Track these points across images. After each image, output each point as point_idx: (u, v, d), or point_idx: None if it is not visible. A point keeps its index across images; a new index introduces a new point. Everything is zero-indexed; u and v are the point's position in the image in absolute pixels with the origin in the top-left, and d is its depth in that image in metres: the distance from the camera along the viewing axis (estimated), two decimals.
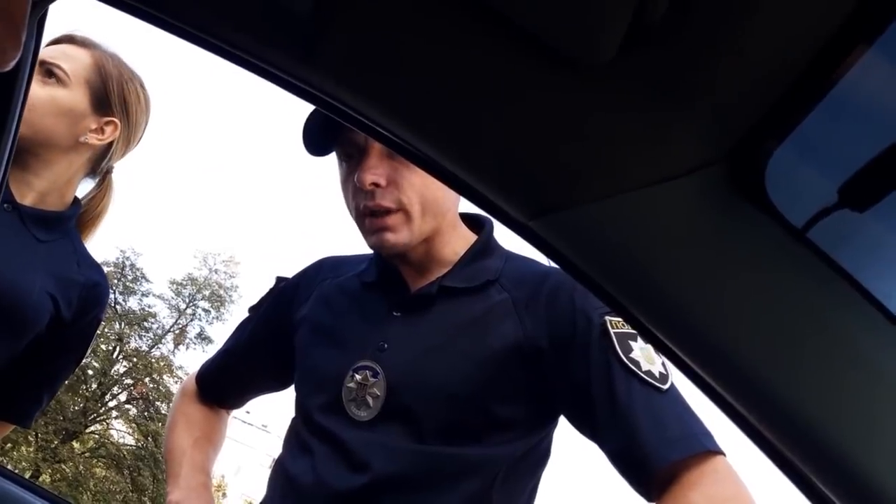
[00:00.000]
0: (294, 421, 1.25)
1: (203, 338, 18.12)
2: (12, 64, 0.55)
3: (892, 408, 0.56)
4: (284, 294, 1.38)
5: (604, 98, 0.53)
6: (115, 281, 16.93)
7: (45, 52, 1.41)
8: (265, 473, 1.35)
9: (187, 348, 18.00)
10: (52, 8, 0.78)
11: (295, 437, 1.22)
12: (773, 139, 0.53)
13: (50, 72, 1.39)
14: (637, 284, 0.58)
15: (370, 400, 1.13)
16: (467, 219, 1.30)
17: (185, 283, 18.57)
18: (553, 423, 1.18)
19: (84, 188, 1.54)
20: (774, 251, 0.56)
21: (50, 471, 15.44)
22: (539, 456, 1.18)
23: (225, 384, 1.46)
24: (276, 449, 1.32)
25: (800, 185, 0.57)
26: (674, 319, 0.59)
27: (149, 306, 17.95)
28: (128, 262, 17.55)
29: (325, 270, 1.37)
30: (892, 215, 0.54)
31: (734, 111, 0.52)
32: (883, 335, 0.57)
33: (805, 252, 0.55)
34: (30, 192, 1.41)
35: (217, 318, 18.42)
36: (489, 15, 0.52)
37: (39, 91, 1.37)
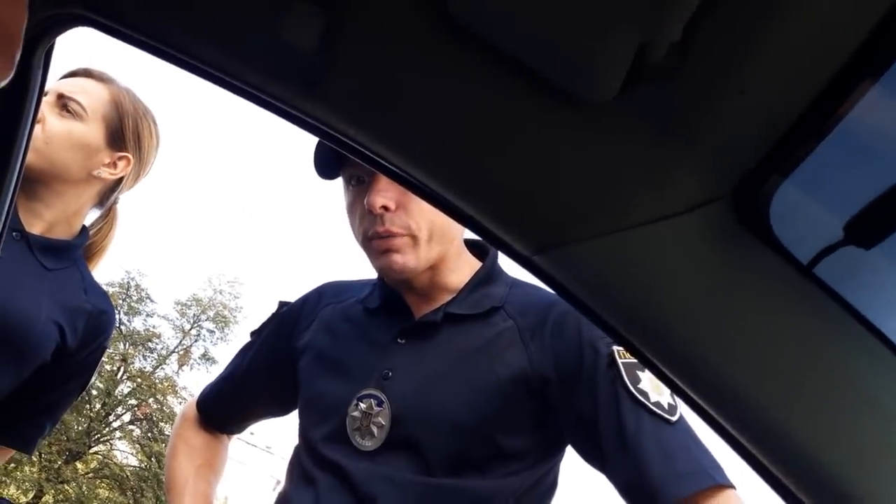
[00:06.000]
0: (297, 450, 1.24)
1: (207, 358, 18.04)
2: (3, 83, 0.52)
3: None
4: (286, 320, 1.37)
5: (607, 136, 0.53)
6: (120, 301, 16.91)
7: (63, 86, 1.42)
8: (268, 495, 1.33)
9: (191, 369, 17.91)
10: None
11: (298, 467, 1.20)
12: (777, 176, 0.53)
13: (67, 106, 1.40)
14: (641, 320, 0.58)
15: (375, 429, 1.11)
16: (472, 245, 1.29)
17: (189, 303, 18.52)
18: (560, 454, 1.16)
19: (90, 216, 1.55)
20: (780, 287, 0.56)
21: (53, 491, 15.35)
22: (546, 488, 1.16)
23: (226, 410, 1.44)
24: (280, 471, 1.30)
25: (805, 222, 0.56)
26: (678, 353, 0.59)
27: (153, 327, 17.89)
28: (133, 283, 17.51)
29: (328, 296, 1.36)
30: None
31: (738, 148, 0.52)
32: (890, 371, 0.56)
33: (811, 288, 0.55)
34: (38, 222, 1.42)
35: (221, 338, 18.34)
36: (494, 54, 0.52)
37: (57, 124, 1.38)
